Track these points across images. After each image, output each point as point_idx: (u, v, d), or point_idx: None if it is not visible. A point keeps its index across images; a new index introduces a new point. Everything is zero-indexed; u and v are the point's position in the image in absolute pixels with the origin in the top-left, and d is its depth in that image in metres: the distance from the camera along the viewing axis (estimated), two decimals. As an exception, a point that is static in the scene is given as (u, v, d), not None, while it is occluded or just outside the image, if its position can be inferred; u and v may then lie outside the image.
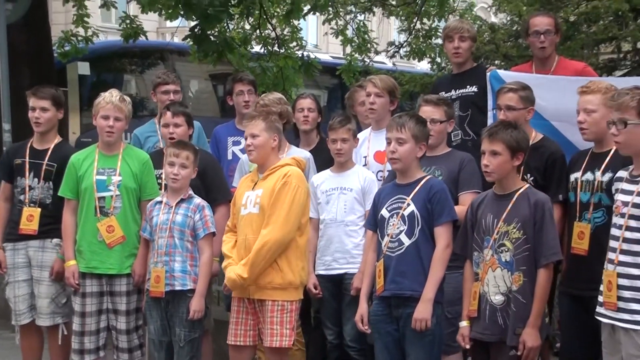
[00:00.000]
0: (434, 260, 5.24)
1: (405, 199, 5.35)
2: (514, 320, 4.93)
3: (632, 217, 4.57)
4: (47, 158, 6.59)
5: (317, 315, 6.76)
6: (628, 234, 4.58)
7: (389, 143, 5.43)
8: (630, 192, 4.63)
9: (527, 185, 5.16)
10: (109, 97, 6.31)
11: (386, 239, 5.37)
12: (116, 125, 6.29)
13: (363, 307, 5.50)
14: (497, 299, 5.01)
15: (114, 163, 6.34)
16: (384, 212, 5.43)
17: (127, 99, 6.51)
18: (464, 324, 5.18)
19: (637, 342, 4.50)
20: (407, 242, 5.31)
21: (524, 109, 5.85)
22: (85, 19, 11.65)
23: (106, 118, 6.26)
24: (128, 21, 11.46)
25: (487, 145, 5.09)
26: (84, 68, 13.07)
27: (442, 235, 5.27)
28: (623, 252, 4.59)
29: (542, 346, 5.04)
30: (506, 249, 5.00)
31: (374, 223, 5.53)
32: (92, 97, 6.67)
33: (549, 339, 5.63)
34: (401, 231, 5.32)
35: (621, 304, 4.56)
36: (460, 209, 5.69)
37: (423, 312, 5.15)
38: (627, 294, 4.55)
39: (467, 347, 5.22)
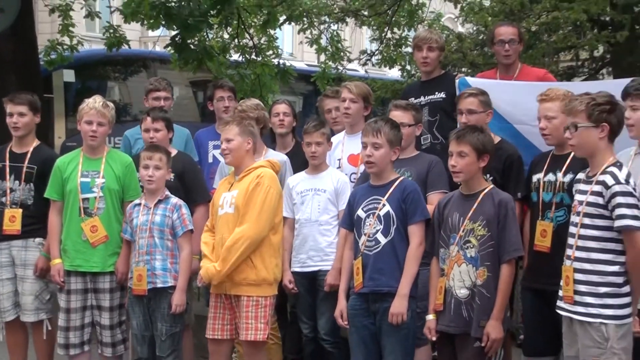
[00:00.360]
0: (408, 257, 5.28)
1: (381, 200, 5.38)
2: (478, 313, 4.96)
3: (586, 215, 4.62)
4: (26, 161, 6.57)
5: (293, 310, 6.81)
6: (583, 231, 4.64)
7: (364, 147, 5.45)
8: (585, 192, 4.68)
9: (492, 185, 5.20)
10: (92, 103, 6.31)
11: (363, 238, 5.40)
12: (99, 129, 6.30)
13: (342, 303, 5.53)
14: (462, 292, 5.04)
15: (97, 166, 6.34)
16: (360, 213, 5.45)
17: (110, 104, 6.50)
18: (430, 317, 5.22)
19: (591, 334, 4.54)
20: (383, 240, 5.35)
21: (483, 112, 5.92)
22: (71, 28, 11.61)
23: (90, 123, 6.27)
24: (111, 31, 11.43)
25: (454, 146, 5.13)
26: (69, 75, 13.06)
27: (416, 233, 5.32)
28: (579, 248, 4.64)
29: (504, 338, 5.06)
30: (471, 246, 5.03)
31: (350, 223, 5.56)
32: (77, 103, 6.68)
33: (511, 331, 5.65)
34: (377, 230, 5.36)
35: (577, 298, 4.61)
36: (429, 209, 5.70)
37: (399, 306, 5.19)
38: (582, 288, 4.60)
39: (434, 339, 5.25)
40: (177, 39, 10.08)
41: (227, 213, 5.80)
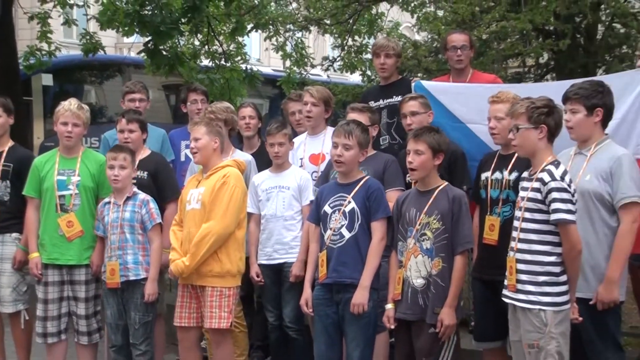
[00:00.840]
0: (370, 251, 5.30)
1: (347, 197, 5.41)
2: (433, 301, 4.99)
3: (527, 210, 4.66)
4: (2, 159, 6.53)
5: (259, 300, 6.83)
6: (524, 225, 4.68)
7: (335, 147, 5.46)
8: (526, 189, 4.72)
9: (446, 182, 5.22)
10: (68, 106, 6.28)
11: (329, 232, 5.41)
12: (74, 130, 6.26)
13: (307, 292, 5.55)
14: (419, 282, 5.07)
15: (73, 165, 6.31)
16: (327, 208, 5.47)
17: (85, 107, 6.46)
18: (389, 306, 5.23)
19: (531, 320, 4.59)
20: (347, 235, 5.37)
21: (425, 113, 6.00)
22: (49, 35, 11.51)
23: (65, 124, 6.24)
24: (88, 37, 11.34)
25: (412, 145, 5.17)
26: (47, 79, 12.96)
27: (378, 229, 5.35)
28: (520, 240, 4.69)
29: (457, 324, 5.09)
30: (427, 238, 5.07)
31: (317, 217, 5.57)
32: (55, 105, 6.59)
33: (464, 318, 5.68)
34: (342, 225, 5.38)
35: (519, 286, 4.66)
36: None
37: (360, 297, 5.21)
38: (524, 277, 4.65)
39: (392, 327, 5.26)
40: (150, 45, 10.04)
41: (194, 209, 5.82)
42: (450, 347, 5.05)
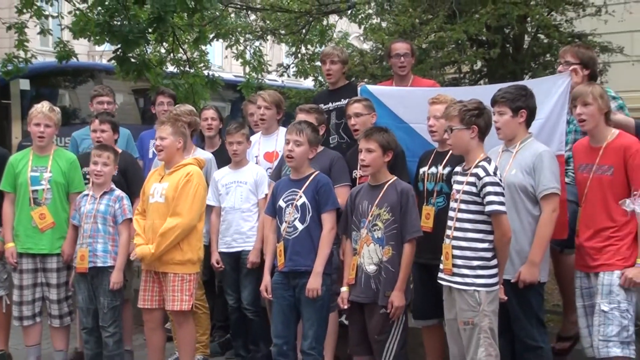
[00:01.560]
0: (321, 241, 5.31)
1: (298, 192, 5.40)
2: (384, 285, 5.02)
3: (462, 201, 4.68)
4: None
5: (220, 285, 6.82)
6: (460, 215, 4.70)
7: (287, 143, 5.46)
8: (461, 182, 4.74)
9: (395, 177, 5.23)
10: (40, 108, 6.29)
11: (284, 224, 5.40)
12: (46, 131, 6.25)
13: (267, 279, 5.54)
14: (371, 268, 5.09)
15: (45, 162, 6.27)
16: (281, 203, 5.46)
17: (57, 109, 6.45)
18: (344, 289, 5.26)
19: (466, 300, 4.62)
20: (300, 227, 5.37)
21: (368, 115, 6.00)
22: (26, 43, 11.39)
23: (38, 125, 6.23)
24: (62, 45, 11.23)
25: (363, 144, 5.19)
26: (24, 84, 12.86)
27: (328, 220, 5.35)
28: (456, 229, 4.70)
29: (406, 306, 5.12)
30: (378, 228, 5.08)
31: (273, 211, 5.56)
32: (31, 108, 6.58)
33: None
34: (295, 218, 5.37)
35: (455, 270, 4.68)
36: None
37: (314, 283, 5.23)
38: (459, 262, 4.67)
39: (345, 307, 5.30)
40: (119, 53, 9.98)
41: (158, 202, 5.81)
42: (400, 325, 5.09)
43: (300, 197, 5.38)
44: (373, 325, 5.09)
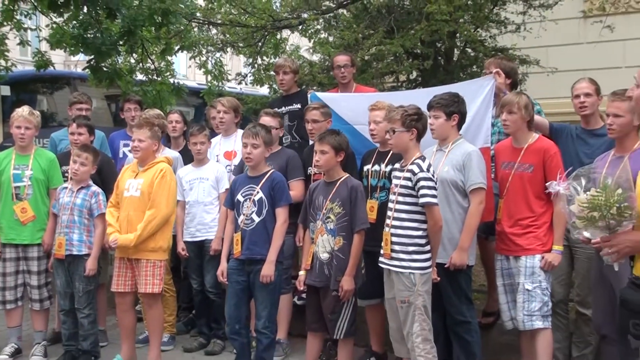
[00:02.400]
0: (275, 232, 5.31)
1: (255, 188, 5.39)
2: (335, 271, 5.05)
3: (400, 194, 4.72)
4: None
5: (185, 270, 6.83)
6: (397, 206, 4.74)
7: (245, 146, 5.45)
8: (399, 178, 4.78)
9: (347, 175, 5.25)
10: (21, 112, 6.25)
11: (242, 217, 5.38)
12: (27, 132, 6.20)
13: (224, 265, 5.53)
14: (324, 256, 5.12)
15: (26, 161, 6.20)
16: (240, 197, 5.44)
17: (36, 112, 6.40)
18: (302, 273, 5.29)
19: (403, 281, 4.67)
20: (257, 219, 5.36)
21: (324, 121, 6.01)
22: (6, 53, 11.16)
23: (19, 127, 6.19)
24: (40, 55, 11.01)
25: (318, 146, 5.22)
26: (5, 90, 12.66)
27: (281, 214, 5.36)
28: (394, 219, 4.74)
29: (355, 289, 5.15)
30: (331, 220, 5.10)
31: (232, 204, 5.54)
32: (12, 112, 6.51)
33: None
34: (253, 212, 5.36)
35: (393, 255, 4.72)
36: (291, 193, 5.80)
37: (268, 270, 5.24)
38: (396, 247, 4.71)
39: (301, 288, 5.36)
40: (92, 62, 9.89)
41: (133, 196, 5.77)
42: (350, 306, 5.13)
43: (258, 192, 5.37)
44: (326, 305, 5.12)
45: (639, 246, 3.22)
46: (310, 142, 6.17)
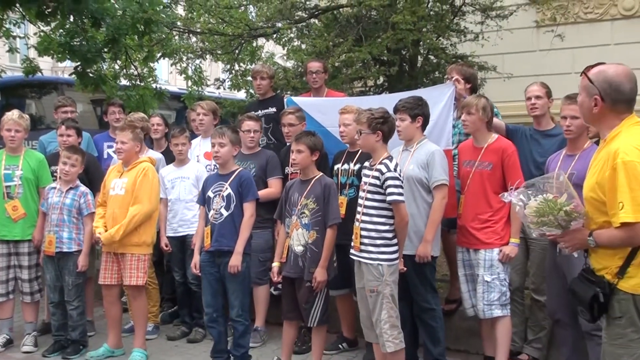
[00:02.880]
0: (242, 225, 5.32)
1: (225, 184, 5.38)
2: (309, 263, 5.04)
3: (369, 192, 4.72)
4: None
5: (168, 264, 6.79)
6: (367, 203, 4.73)
7: (213, 146, 5.45)
8: (368, 176, 4.78)
9: (321, 173, 5.24)
10: (10, 115, 6.22)
11: (212, 211, 5.38)
12: (17, 135, 6.17)
13: (196, 258, 5.51)
14: (299, 249, 5.10)
15: (17, 161, 6.16)
16: (210, 194, 5.43)
17: (25, 116, 6.37)
18: (275, 264, 5.29)
19: (372, 272, 4.67)
20: (225, 213, 5.35)
21: (299, 124, 6.03)
22: (-4, 60, 11.12)
23: (9, 130, 6.16)
24: (28, 62, 10.85)
25: (294, 145, 5.22)
26: (-5, 95, 12.57)
27: (248, 208, 5.36)
28: (364, 214, 4.73)
29: (328, 280, 5.14)
30: (305, 216, 5.08)
31: (203, 200, 5.53)
32: (2, 116, 6.45)
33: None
34: (222, 206, 5.35)
35: (363, 247, 4.71)
36: (269, 191, 5.96)
37: (235, 261, 5.24)
38: (366, 240, 4.70)
39: (275, 279, 5.35)
40: (79, 68, 9.79)
41: (118, 194, 5.75)
42: (322, 296, 5.12)
43: (227, 189, 5.38)
44: (301, 295, 5.11)
45: (584, 243, 3.28)
46: (288, 144, 6.17)
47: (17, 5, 9.14)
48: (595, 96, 3.24)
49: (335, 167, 5.72)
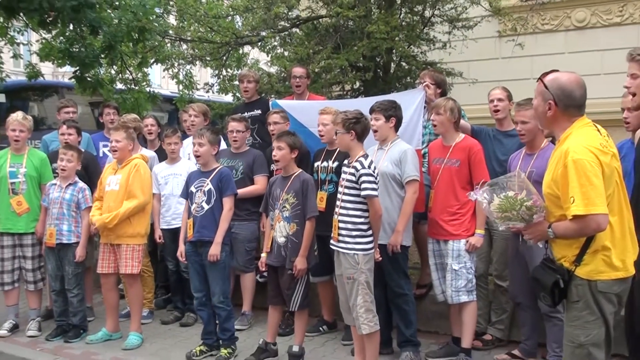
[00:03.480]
0: (222, 218, 5.33)
1: (206, 180, 5.39)
2: (290, 253, 5.04)
3: (346, 187, 4.72)
4: None
5: (162, 254, 6.73)
6: (344, 197, 4.73)
7: (194, 145, 5.48)
8: (345, 173, 4.78)
9: (300, 170, 5.23)
10: (15, 117, 6.17)
11: (194, 205, 5.38)
12: (21, 135, 6.12)
13: (182, 247, 5.52)
14: (281, 240, 5.08)
15: (21, 160, 6.11)
16: (193, 189, 5.44)
17: (29, 117, 6.32)
18: (263, 255, 5.27)
19: (349, 260, 4.68)
20: (206, 207, 5.35)
21: (283, 123, 6.01)
22: (1, 65, 10.96)
23: (14, 130, 6.10)
24: (31, 67, 10.83)
25: (275, 143, 5.21)
26: (1, 98, 12.40)
27: (227, 202, 5.37)
28: (342, 208, 4.73)
29: (308, 268, 5.15)
30: (286, 209, 5.07)
31: (186, 194, 5.53)
32: (7, 117, 6.37)
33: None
34: (203, 200, 5.35)
35: (340, 238, 4.71)
36: (255, 187, 5.96)
37: (214, 250, 5.26)
38: (343, 232, 4.70)
39: (262, 269, 5.34)
40: (78, 73, 9.72)
41: (113, 189, 5.72)
42: (303, 282, 5.11)
43: (207, 184, 5.37)
44: (283, 282, 5.11)
45: (544, 235, 3.31)
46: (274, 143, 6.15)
47: (21, 14, 9.06)
48: (549, 101, 3.29)
49: (316, 164, 5.72)
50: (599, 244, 3.16)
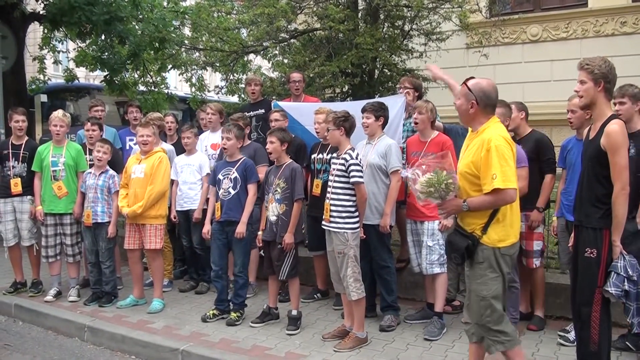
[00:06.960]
0: (247, 202, 5.35)
1: (232, 169, 5.39)
2: (280, 229, 5.07)
3: (336, 176, 4.74)
4: (22, 149, 6.25)
5: (178, 231, 6.70)
6: (335, 184, 4.74)
7: (222, 139, 5.47)
8: (335, 163, 4.80)
9: (291, 160, 5.25)
10: (56, 114, 6.16)
11: (222, 190, 5.39)
12: (61, 130, 6.11)
13: (208, 227, 5.53)
14: (273, 218, 5.11)
15: (60, 151, 6.11)
16: (220, 176, 5.44)
17: (68, 114, 6.30)
18: (260, 233, 5.28)
19: (339, 238, 4.70)
20: (232, 192, 5.36)
21: (283, 120, 6.01)
22: (44, 69, 10.95)
23: (55, 126, 6.09)
24: (68, 71, 10.85)
25: (268, 137, 5.21)
26: (43, 98, 12.44)
27: (251, 189, 5.39)
28: (332, 193, 4.75)
29: (296, 243, 5.15)
30: (278, 192, 5.10)
31: (214, 182, 5.53)
32: (49, 114, 6.44)
33: (303, 241, 5.77)
34: (229, 186, 5.36)
35: (331, 219, 4.73)
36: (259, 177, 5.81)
37: (241, 228, 5.27)
38: (334, 214, 4.72)
39: (260, 244, 5.33)
40: (107, 77, 9.75)
41: (139, 177, 5.73)
42: (291, 255, 5.12)
43: (234, 173, 5.37)
44: (274, 255, 5.15)
45: (459, 208, 3.44)
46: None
47: (62, 27, 9.10)
48: (472, 101, 3.49)
49: (312, 156, 5.74)
50: (501, 215, 3.36)
